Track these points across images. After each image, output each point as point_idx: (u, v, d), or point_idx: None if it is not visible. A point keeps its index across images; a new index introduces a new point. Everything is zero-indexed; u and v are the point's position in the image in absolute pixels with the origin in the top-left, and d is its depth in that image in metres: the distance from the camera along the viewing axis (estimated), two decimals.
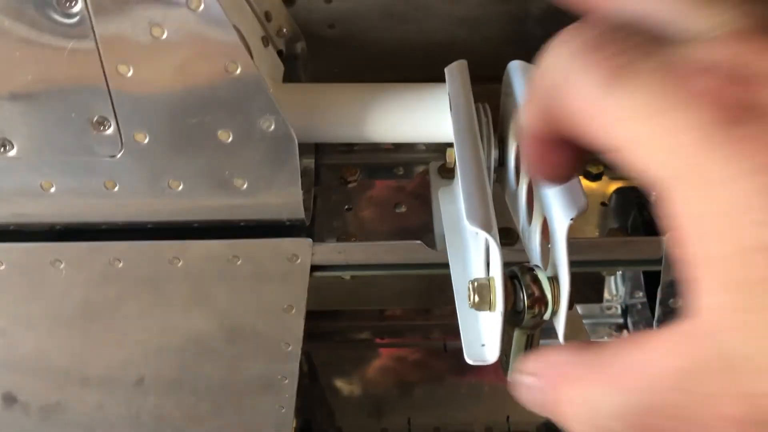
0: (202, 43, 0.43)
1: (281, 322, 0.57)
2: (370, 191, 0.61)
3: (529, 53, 0.55)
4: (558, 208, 0.38)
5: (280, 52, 0.57)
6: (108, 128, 0.46)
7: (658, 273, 0.55)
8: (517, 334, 0.39)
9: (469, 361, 0.39)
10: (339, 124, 0.50)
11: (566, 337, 0.38)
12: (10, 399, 0.66)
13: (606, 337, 0.84)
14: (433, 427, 0.73)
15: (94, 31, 0.42)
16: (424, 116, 0.50)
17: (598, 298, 0.82)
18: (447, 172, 0.60)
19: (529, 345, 0.39)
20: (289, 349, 0.59)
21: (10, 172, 0.48)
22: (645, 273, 0.71)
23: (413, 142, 0.55)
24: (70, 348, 0.59)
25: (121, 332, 0.57)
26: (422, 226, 0.57)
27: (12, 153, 0.47)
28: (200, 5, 0.41)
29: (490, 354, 0.38)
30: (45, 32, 0.42)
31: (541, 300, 0.37)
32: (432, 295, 0.78)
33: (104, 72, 0.43)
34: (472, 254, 0.46)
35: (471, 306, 0.38)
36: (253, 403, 0.65)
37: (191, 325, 0.57)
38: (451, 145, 0.53)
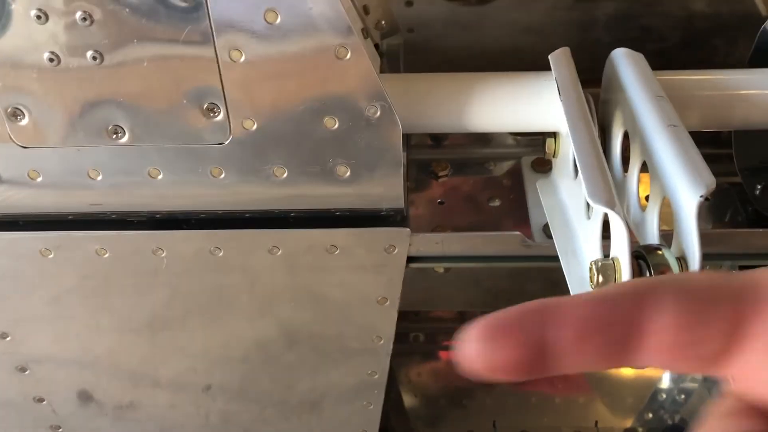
0: (315, 28, 0.43)
1: (374, 315, 0.57)
2: (462, 185, 0.61)
3: (596, 60, 0.54)
4: (685, 186, 0.37)
5: (376, 46, 0.57)
6: (218, 115, 0.47)
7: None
8: None
9: None
10: (441, 113, 0.50)
11: None
12: (86, 397, 0.67)
13: None
14: (519, 430, 0.72)
15: (209, 17, 0.43)
16: (527, 104, 0.50)
17: None
18: (540, 166, 0.59)
19: None
20: (381, 342, 0.59)
21: (120, 158, 0.49)
22: None
23: (513, 132, 0.55)
24: (176, 338, 0.60)
25: (217, 322, 0.58)
26: (517, 219, 0.56)
27: (123, 140, 0.48)
28: None
29: None
30: (162, 18, 0.43)
31: None
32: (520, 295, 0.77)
33: (217, 58, 0.44)
34: (582, 240, 0.45)
35: (594, 287, 0.37)
36: (340, 399, 0.65)
37: (285, 316, 0.58)
38: (550, 135, 0.53)
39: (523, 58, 0.54)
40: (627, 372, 0.83)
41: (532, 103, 0.50)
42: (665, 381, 0.82)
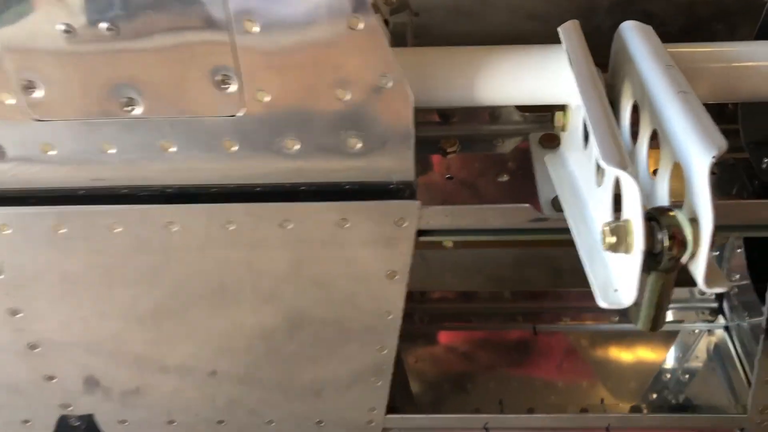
0: None
1: (383, 289, 0.57)
2: (470, 161, 0.61)
3: (598, 46, 0.55)
4: (696, 149, 0.37)
5: (386, 22, 0.57)
6: (231, 86, 0.47)
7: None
8: (652, 279, 0.38)
9: (603, 305, 0.38)
10: (452, 86, 0.51)
11: (707, 281, 0.37)
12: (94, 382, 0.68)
13: (698, 323, 0.82)
14: (526, 408, 0.72)
15: None
16: (537, 77, 0.50)
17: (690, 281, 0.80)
18: (548, 141, 0.59)
19: (663, 291, 0.39)
20: (390, 317, 0.59)
21: (133, 131, 0.49)
22: (749, 253, 0.70)
23: (523, 105, 0.55)
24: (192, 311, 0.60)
25: (228, 301, 0.58)
26: (525, 193, 0.57)
27: (137, 111, 0.48)
28: None
29: (626, 297, 0.38)
30: None
31: (681, 240, 0.36)
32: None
33: (231, 29, 0.45)
34: (592, 208, 0.45)
35: (606, 248, 0.37)
36: (349, 377, 0.65)
37: (295, 293, 0.58)
38: (559, 108, 0.53)
39: (525, 45, 0.54)
40: (628, 357, 0.83)
41: (542, 77, 0.51)
42: (669, 362, 0.83)
